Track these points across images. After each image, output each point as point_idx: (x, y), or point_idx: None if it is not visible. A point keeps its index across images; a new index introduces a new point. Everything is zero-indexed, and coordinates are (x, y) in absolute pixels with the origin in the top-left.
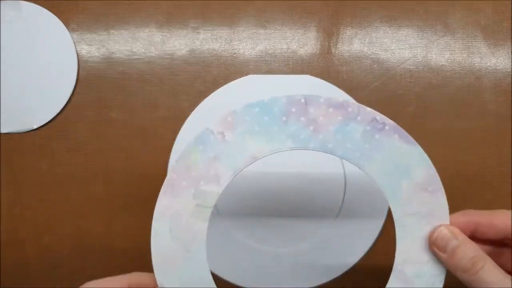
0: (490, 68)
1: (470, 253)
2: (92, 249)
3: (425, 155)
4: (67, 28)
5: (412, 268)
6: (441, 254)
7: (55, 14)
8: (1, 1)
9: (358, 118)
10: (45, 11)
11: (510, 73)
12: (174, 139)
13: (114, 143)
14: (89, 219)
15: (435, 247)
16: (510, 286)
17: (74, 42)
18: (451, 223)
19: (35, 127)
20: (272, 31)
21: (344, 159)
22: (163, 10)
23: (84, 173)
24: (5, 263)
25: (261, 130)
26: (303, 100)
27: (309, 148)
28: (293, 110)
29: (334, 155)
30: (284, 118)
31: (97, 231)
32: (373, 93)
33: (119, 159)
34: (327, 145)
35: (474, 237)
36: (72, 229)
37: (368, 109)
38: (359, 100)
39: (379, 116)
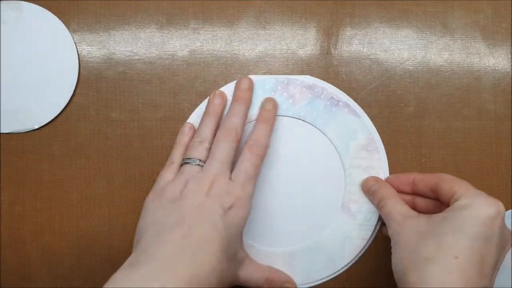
0: (489, 69)
1: (381, 194)
2: (92, 249)
3: (367, 124)
4: (68, 29)
5: (355, 205)
6: (367, 195)
7: (55, 15)
8: (2, 2)
9: (322, 96)
10: (46, 12)
11: (509, 73)
12: (174, 139)
13: (114, 143)
14: (89, 218)
15: (363, 190)
16: (402, 210)
17: (75, 42)
18: (396, 176)
19: (36, 127)
20: (272, 32)
21: (311, 124)
22: (163, 11)
23: (84, 173)
24: (6, 262)
25: (256, 100)
26: (286, 81)
27: (288, 115)
28: (279, 88)
29: (304, 121)
30: (272, 93)
31: (97, 231)
32: (372, 93)
33: (119, 159)
34: (300, 113)
35: (415, 190)
36: (72, 228)
37: (329, 90)
38: (358, 100)
39: (335, 95)
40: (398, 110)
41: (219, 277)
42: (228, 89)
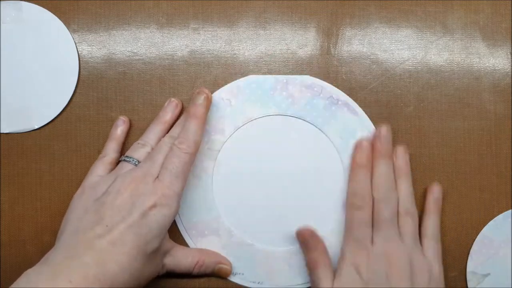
0: (489, 69)
1: (312, 257)
2: None
3: (366, 122)
4: (68, 29)
5: None
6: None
7: (56, 15)
8: (2, 2)
9: (321, 95)
10: (46, 12)
11: (509, 73)
12: None
13: None
14: None
15: (298, 239)
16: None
17: (75, 42)
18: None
19: (36, 127)
20: (272, 32)
21: (311, 123)
22: (163, 11)
23: (84, 173)
24: (6, 262)
25: (255, 99)
26: (285, 81)
27: (287, 114)
28: (278, 87)
29: (304, 120)
30: (271, 92)
31: None
32: (372, 93)
33: None
34: (300, 113)
35: None
36: None
37: (328, 89)
38: (358, 100)
39: (335, 94)
40: (398, 110)
41: (133, 274)
42: (223, 92)
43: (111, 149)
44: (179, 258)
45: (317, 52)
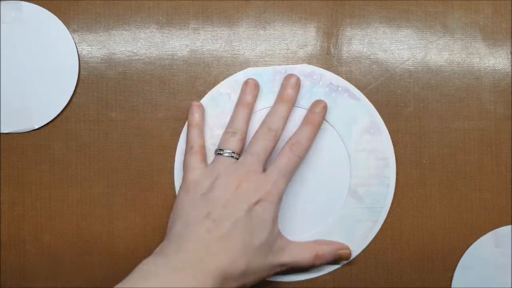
0: (489, 69)
1: None
2: (92, 249)
3: (368, 107)
4: (68, 29)
5: (362, 188)
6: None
7: (55, 15)
8: (2, 2)
9: (320, 83)
10: (46, 12)
11: (509, 73)
12: (174, 139)
13: (114, 143)
14: (89, 218)
15: None
16: None
17: (75, 42)
18: None
19: (36, 127)
20: (272, 32)
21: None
22: (163, 11)
23: (84, 173)
24: (6, 262)
25: (260, 91)
26: (283, 71)
27: None
28: (277, 78)
29: (305, 109)
30: (271, 83)
31: (97, 231)
32: (372, 93)
33: (119, 159)
34: (300, 102)
35: None
36: (72, 228)
37: (327, 76)
38: None
39: (334, 80)
40: (398, 110)
41: (243, 270)
42: (222, 87)
43: (195, 137)
44: (298, 254)
45: (317, 52)
